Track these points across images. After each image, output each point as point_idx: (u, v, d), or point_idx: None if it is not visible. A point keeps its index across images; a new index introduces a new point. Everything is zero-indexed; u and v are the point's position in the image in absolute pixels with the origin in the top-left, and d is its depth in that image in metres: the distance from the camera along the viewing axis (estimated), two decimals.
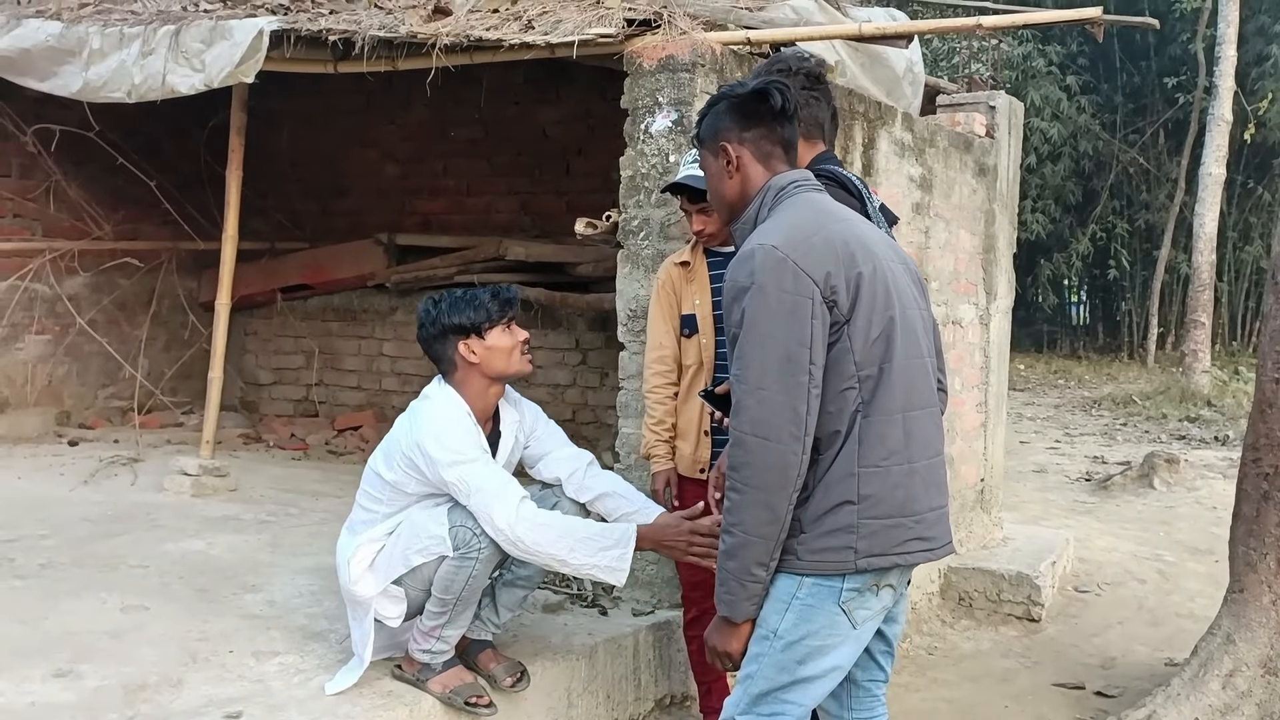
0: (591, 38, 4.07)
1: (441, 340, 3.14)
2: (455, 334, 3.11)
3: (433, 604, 3.07)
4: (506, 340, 3.14)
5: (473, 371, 3.13)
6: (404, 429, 3.14)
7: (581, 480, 3.27)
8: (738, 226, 2.42)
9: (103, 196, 6.99)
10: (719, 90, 2.47)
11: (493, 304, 3.13)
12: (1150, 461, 8.51)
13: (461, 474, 2.98)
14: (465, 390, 3.14)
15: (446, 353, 3.14)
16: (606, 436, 6.30)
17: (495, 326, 3.13)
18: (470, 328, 3.11)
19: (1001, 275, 6.25)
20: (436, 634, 3.11)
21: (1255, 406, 4.14)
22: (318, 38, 4.72)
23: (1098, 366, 16.73)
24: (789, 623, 2.24)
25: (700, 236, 3.37)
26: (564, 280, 6.77)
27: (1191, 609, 5.61)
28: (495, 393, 3.21)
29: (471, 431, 3.08)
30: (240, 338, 7.97)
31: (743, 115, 2.38)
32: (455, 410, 3.10)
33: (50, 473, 5.78)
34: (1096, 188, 18.58)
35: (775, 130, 2.38)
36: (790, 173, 2.38)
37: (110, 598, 3.76)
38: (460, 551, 2.97)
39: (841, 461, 2.21)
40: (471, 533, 2.97)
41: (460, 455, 3.00)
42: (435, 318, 3.14)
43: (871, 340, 2.22)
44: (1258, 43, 15.81)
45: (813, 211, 2.30)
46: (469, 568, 2.99)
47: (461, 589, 3.02)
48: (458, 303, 3.14)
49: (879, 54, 5.11)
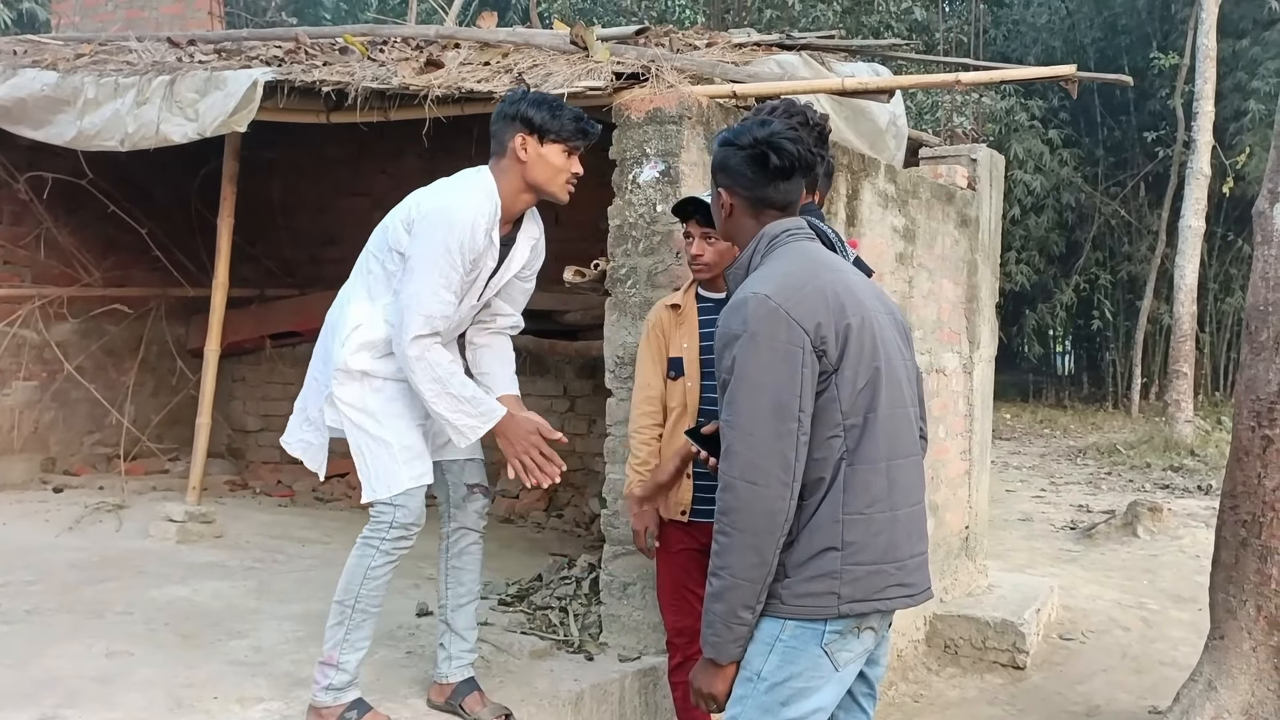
0: (581, 90, 4.15)
1: (509, 123, 3.14)
2: (523, 124, 3.12)
3: (331, 615, 3.15)
4: (561, 160, 3.17)
5: (516, 168, 3.15)
6: (421, 195, 3.18)
7: (488, 340, 3.40)
8: (730, 271, 2.47)
9: (93, 243, 7.03)
10: (732, 129, 2.47)
11: (571, 123, 3.15)
12: (1134, 510, 8.56)
13: (421, 260, 3.03)
14: (501, 181, 3.17)
15: (505, 136, 3.16)
16: (594, 483, 6.31)
17: (560, 143, 3.14)
18: (539, 127, 3.11)
19: (984, 324, 6.33)
20: (335, 659, 3.13)
21: (1232, 455, 4.20)
22: (311, 88, 4.80)
23: (1083, 416, 16.82)
24: (772, 665, 2.27)
25: (695, 263, 3.39)
26: (552, 328, 6.80)
27: (1175, 657, 5.62)
28: (526, 200, 3.24)
29: (480, 231, 3.09)
30: (228, 384, 7.97)
31: (746, 165, 2.41)
32: (482, 197, 3.11)
33: (35, 519, 5.77)
34: (1079, 239, 18.81)
35: (776, 186, 2.41)
36: (784, 220, 2.42)
37: (96, 644, 3.75)
38: (369, 529, 3.14)
39: (826, 508, 2.25)
40: (386, 526, 3.12)
41: (439, 246, 3.04)
42: (516, 100, 3.16)
43: (858, 390, 2.27)
44: (1235, 98, 16.09)
45: (805, 261, 2.35)
46: (369, 558, 3.11)
47: (358, 588, 3.11)
48: (543, 102, 3.15)
49: (863, 108, 5.21)
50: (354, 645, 3.16)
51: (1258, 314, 4.14)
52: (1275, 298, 4.08)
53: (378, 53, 5.20)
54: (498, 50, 4.96)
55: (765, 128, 2.41)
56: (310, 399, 3.36)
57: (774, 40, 5.40)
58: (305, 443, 3.38)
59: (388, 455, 3.17)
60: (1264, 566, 4.00)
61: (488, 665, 3.81)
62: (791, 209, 2.46)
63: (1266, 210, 4.17)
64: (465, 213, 3.07)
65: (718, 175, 2.47)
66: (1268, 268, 4.13)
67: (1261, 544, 4.01)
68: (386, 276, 3.18)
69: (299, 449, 3.39)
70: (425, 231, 3.06)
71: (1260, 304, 4.13)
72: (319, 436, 3.35)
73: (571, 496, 6.88)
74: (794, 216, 2.45)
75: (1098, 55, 19.06)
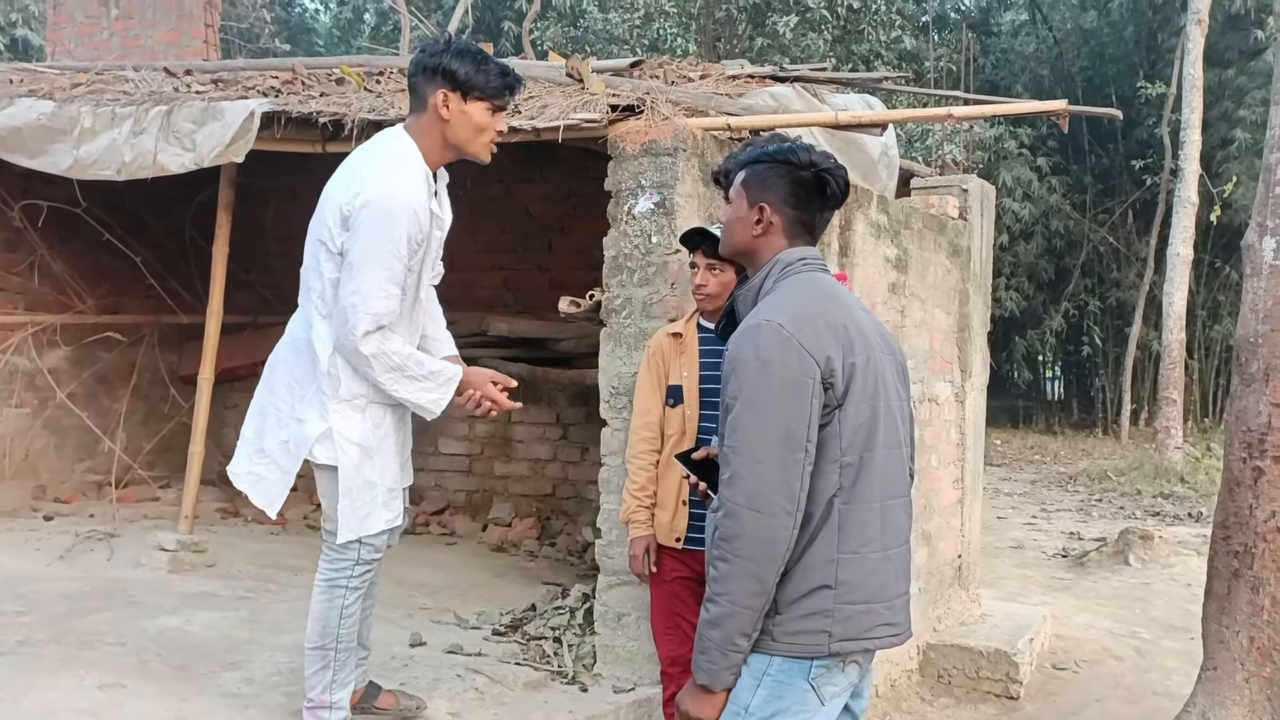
0: (577, 123, 4.18)
1: (430, 77, 2.98)
2: (445, 79, 2.96)
3: (311, 660, 3.15)
4: (484, 118, 3.01)
5: (436, 126, 3.01)
6: (345, 178, 3.02)
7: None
8: (740, 293, 2.47)
9: (86, 271, 7.03)
10: (778, 145, 2.43)
11: (496, 78, 2.99)
12: (1126, 538, 8.58)
13: (365, 256, 2.92)
14: (422, 141, 3.04)
15: (425, 90, 3.00)
16: (587, 511, 6.32)
17: (485, 100, 3.00)
18: (462, 82, 2.96)
19: (976, 353, 6.36)
20: (327, 701, 3.15)
21: (1224, 485, 4.22)
22: (308, 119, 4.82)
23: (1073, 442, 16.87)
24: (760, 699, 2.27)
25: (699, 293, 3.42)
26: (546, 356, 6.82)
27: (1168, 686, 5.63)
28: (446, 159, 3.11)
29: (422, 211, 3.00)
30: (220, 411, 7.95)
31: (798, 187, 2.40)
32: (415, 177, 2.99)
33: (26, 548, 5.73)
34: (1069, 266, 18.93)
35: (819, 214, 2.43)
36: (799, 249, 2.42)
37: (88, 675, 3.72)
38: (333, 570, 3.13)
39: (820, 546, 2.26)
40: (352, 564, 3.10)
41: (381, 239, 2.92)
42: (436, 53, 2.98)
43: (857, 428, 2.28)
44: (1222, 127, 16.25)
45: (817, 293, 2.35)
46: (340, 598, 3.11)
47: (336, 628, 3.11)
48: (466, 54, 2.98)
49: (855, 139, 5.25)
50: (342, 683, 3.18)
51: (1247, 345, 4.18)
52: (1265, 329, 4.11)
53: (374, 83, 5.23)
54: None
55: (812, 152, 2.41)
56: (269, 431, 3.20)
57: (767, 72, 5.45)
58: (255, 475, 3.21)
59: (370, 497, 3.13)
60: (1256, 597, 4.02)
61: (481, 696, 3.80)
62: (818, 237, 2.48)
63: (1256, 243, 4.21)
64: (404, 199, 2.96)
65: (760, 192, 2.41)
66: (1257, 300, 4.16)
67: (1254, 575, 4.03)
68: (335, 286, 3.06)
69: (247, 481, 3.22)
70: (366, 225, 2.92)
71: (1250, 335, 4.17)
72: (273, 471, 3.18)
73: (565, 525, 6.88)
74: (809, 247, 2.45)
75: (1085, 84, 19.26)
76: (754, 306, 2.37)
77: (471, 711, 3.69)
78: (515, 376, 3.42)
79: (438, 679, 3.89)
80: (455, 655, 4.21)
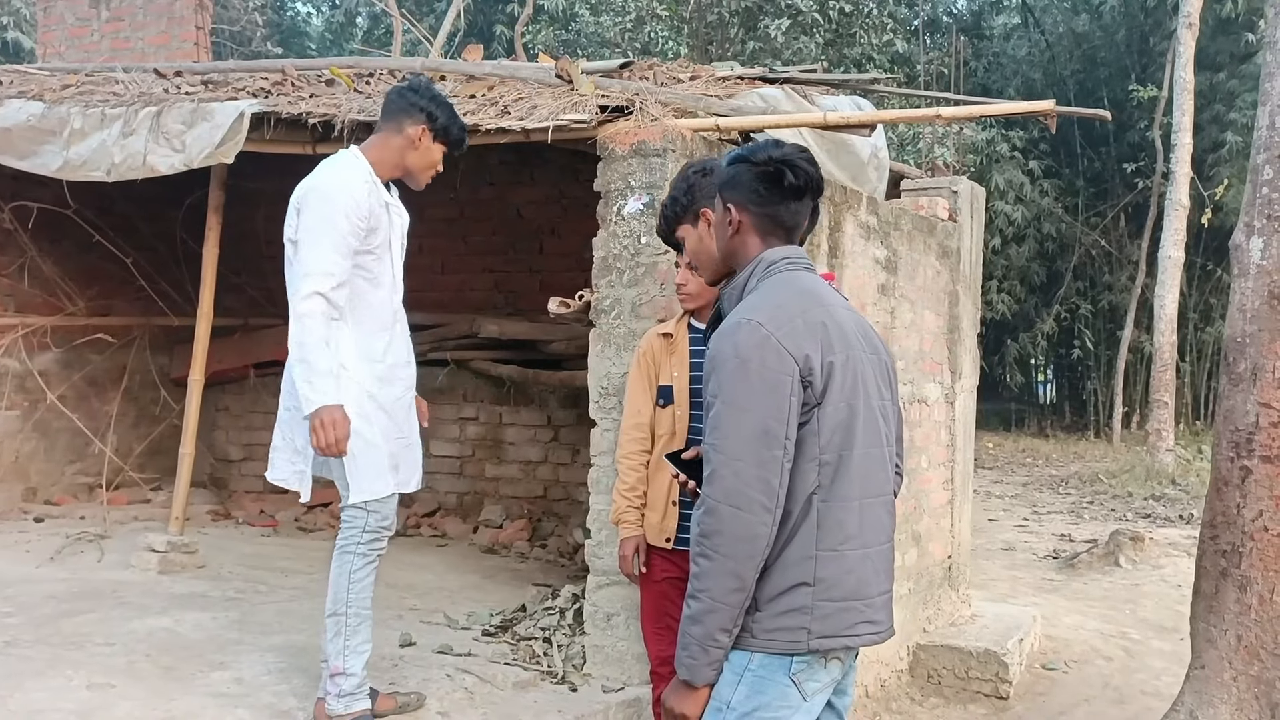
0: (566, 123, 4.19)
1: (413, 111, 3.42)
2: (426, 119, 3.42)
3: (327, 629, 3.31)
4: (438, 156, 3.51)
5: (403, 149, 3.44)
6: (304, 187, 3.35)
7: None
8: (726, 291, 2.47)
9: (76, 273, 7.02)
10: (745, 147, 2.47)
11: (459, 133, 3.51)
12: (1116, 540, 8.59)
13: (310, 233, 3.25)
14: (383, 152, 3.43)
15: (404, 118, 3.42)
16: (578, 513, 6.31)
17: (445, 145, 3.48)
18: (439, 128, 3.43)
19: (966, 355, 6.37)
20: (341, 668, 3.28)
21: (1212, 485, 4.23)
22: (298, 120, 4.82)
23: (1065, 445, 16.90)
24: (741, 695, 2.28)
25: (679, 292, 3.42)
26: (536, 357, 6.83)
27: (1157, 686, 5.64)
28: (392, 174, 3.51)
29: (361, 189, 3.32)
30: (211, 413, 7.95)
31: (757, 182, 2.40)
32: (349, 170, 3.34)
33: (16, 550, 5.72)
34: (1060, 269, 18.98)
35: (787, 206, 2.41)
36: (783, 248, 2.42)
37: (76, 676, 3.72)
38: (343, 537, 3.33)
39: (799, 543, 2.26)
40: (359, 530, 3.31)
41: (320, 218, 3.26)
42: (422, 92, 3.43)
43: (835, 426, 2.28)
44: (1213, 130, 16.31)
45: (798, 292, 2.35)
46: (348, 564, 3.30)
47: (345, 593, 3.29)
48: (444, 104, 3.47)
49: (845, 140, 5.26)
50: (356, 650, 3.33)
51: (1235, 345, 4.19)
52: (1252, 329, 4.13)
53: (364, 85, 5.24)
54: (483, 83, 5.01)
55: (779, 148, 2.41)
56: (297, 431, 3.44)
57: (757, 74, 5.46)
58: (300, 473, 3.48)
59: (376, 458, 3.36)
60: (1244, 596, 4.03)
61: (471, 696, 3.80)
62: (796, 233, 2.46)
63: (1243, 243, 4.23)
64: (341, 180, 3.31)
65: (726, 192, 2.44)
66: (1244, 300, 4.18)
67: (1241, 574, 4.04)
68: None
69: (295, 481, 3.49)
70: (308, 206, 3.29)
71: (1238, 336, 4.18)
72: (309, 464, 3.46)
73: (555, 526, 6.88)
74: (794, 246, 2.45)
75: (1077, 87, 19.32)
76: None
77: (461, 711, 3.69)
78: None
79: (427, 679, 3.88)
80: (445, 655, 4.21)
